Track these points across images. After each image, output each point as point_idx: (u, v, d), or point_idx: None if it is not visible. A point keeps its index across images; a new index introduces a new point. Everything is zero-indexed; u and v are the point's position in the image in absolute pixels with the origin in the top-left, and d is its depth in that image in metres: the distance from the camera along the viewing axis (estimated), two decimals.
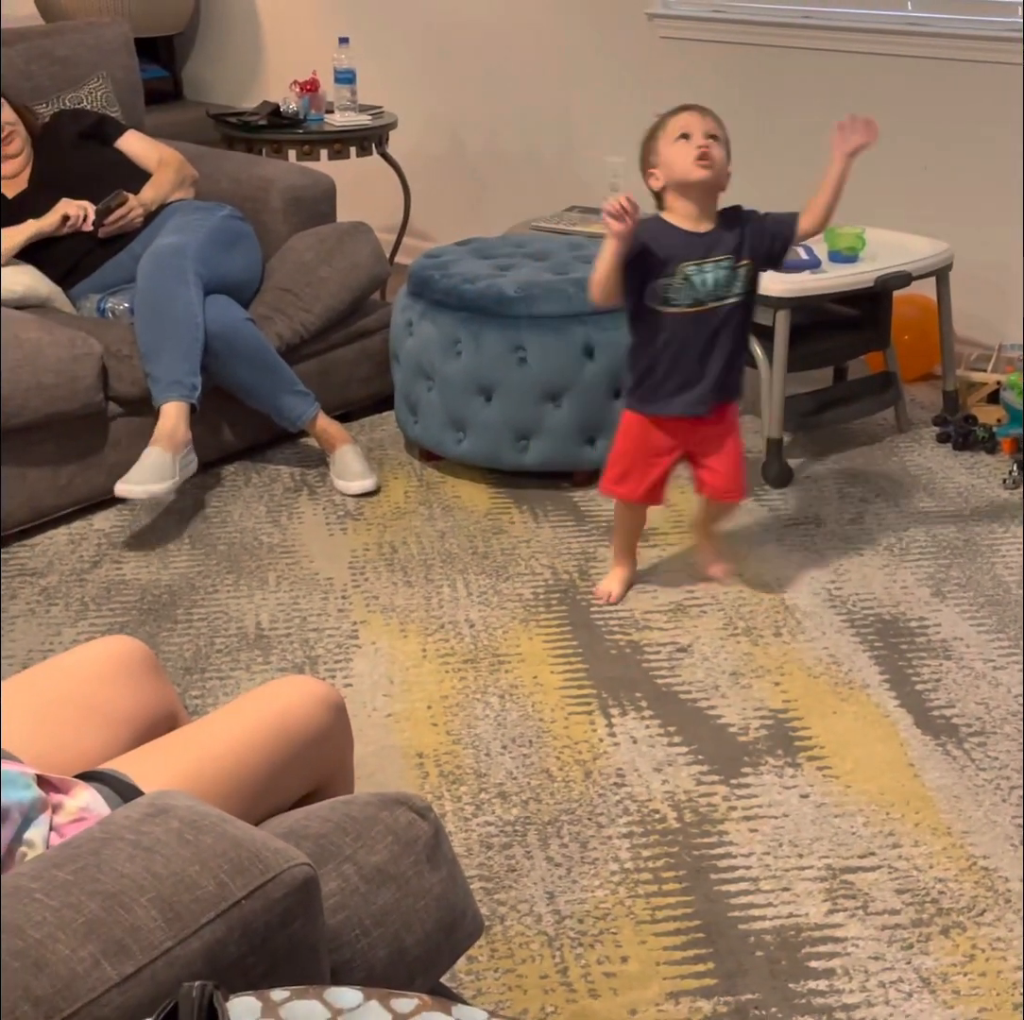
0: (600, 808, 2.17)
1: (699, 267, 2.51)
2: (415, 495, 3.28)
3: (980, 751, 2.31)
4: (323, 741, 1.59)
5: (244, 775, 1.49)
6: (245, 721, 1.55)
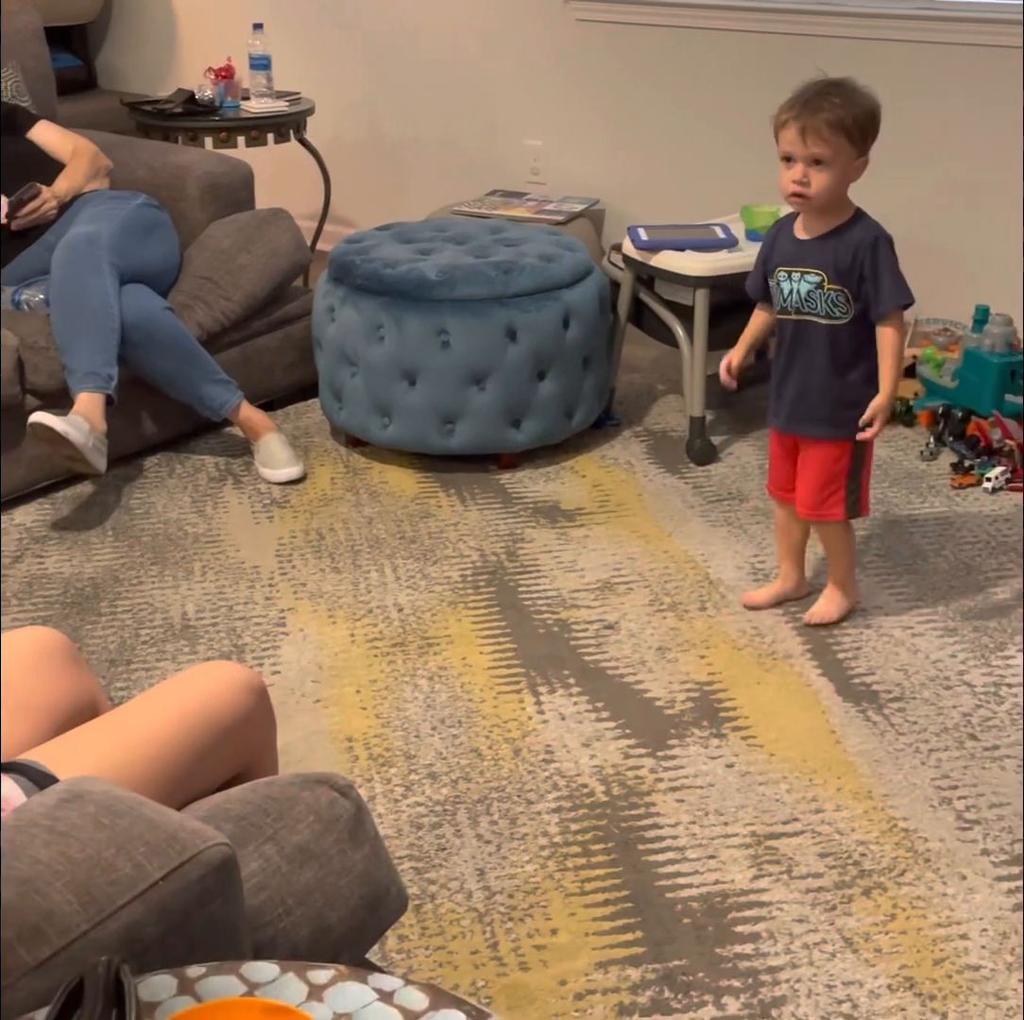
0: (529, 785, 2.19)
1: (788, 274, 2.43)
2: (342, 481, 3.27)
3: (900, 716, 2.36)
4: (245, 725, 1.59)
5: (165, 761, 1.48)
6: (166, 707, 1.55)
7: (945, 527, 3.02)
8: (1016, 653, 2.53)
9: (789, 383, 2.51)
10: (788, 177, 2.32)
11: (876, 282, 2.36)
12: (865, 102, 2.31)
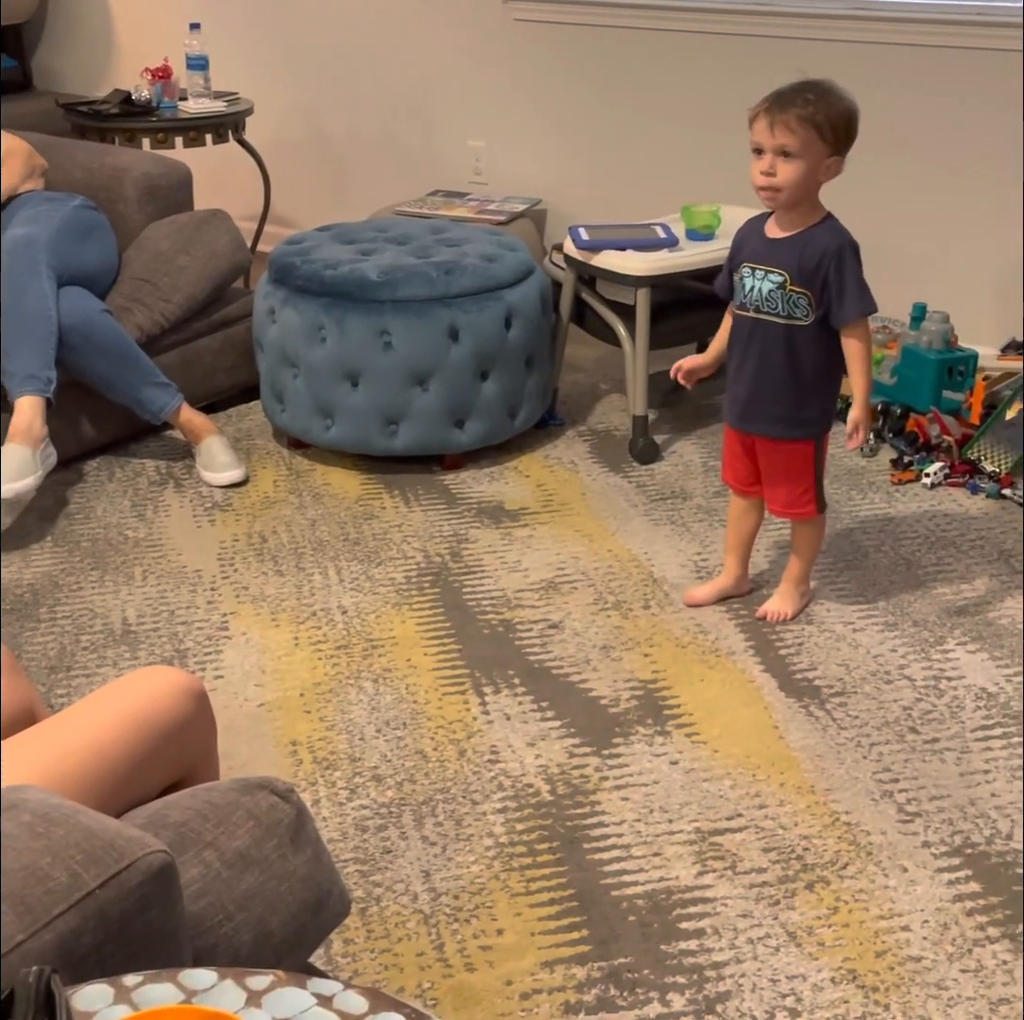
0: (475, 785, 2.19)
1: (752, 271, 2.44)
2: (284, 484, 3.25)
3: (841, 711, 2.38)
4: (185, 730, 1.57)
5: (104, 767, 1.47)
6: (104, 713, 1.53)
7: (885, 523, 3.05)
8: (955, 647, 2.57)
9: (743, 380, 2.52)
10: (756, 168, 2.35)
11: (841, 289, 2.38)
12: (840, 103, 2.34)
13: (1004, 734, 2.30)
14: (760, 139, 2.32)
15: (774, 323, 2.44)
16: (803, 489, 2.59)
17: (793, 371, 2.47)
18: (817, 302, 2.40)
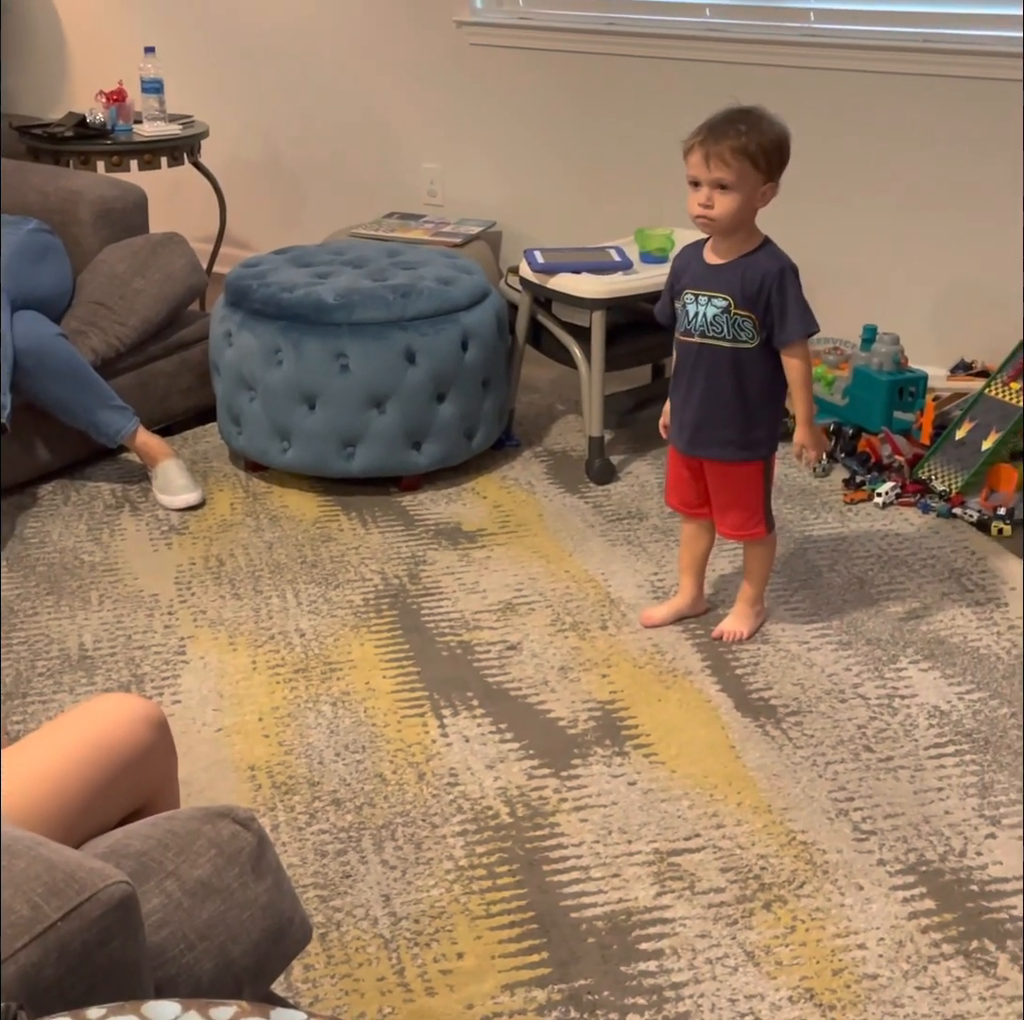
0: (434, 808, 2.20)
1: (695, 297, 2.47)
2: (241, 507, 3.25)
3: (797, 730, 2.40)
4: (145, 759, 1.57)
5: (64, 797, 1.46)
6: (63, 742, 1.53)
7: (838, 542, 3.09)
8: (908, 665, 2.60)
9: (691, 406, 2.54)
10: (694, 200, 2.38)
11: (783, 311, 2.42)
12: (772, 130, 2.37)
13: (957, 752, 2.34)
14: (696, 173, 2.36)
15: (720, 347, 2.47)
16: (752, 510, 2.63)
17: (741, 394, 2.50)
18: (761, 325, 2.44)
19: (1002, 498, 3.21)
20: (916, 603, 2.82)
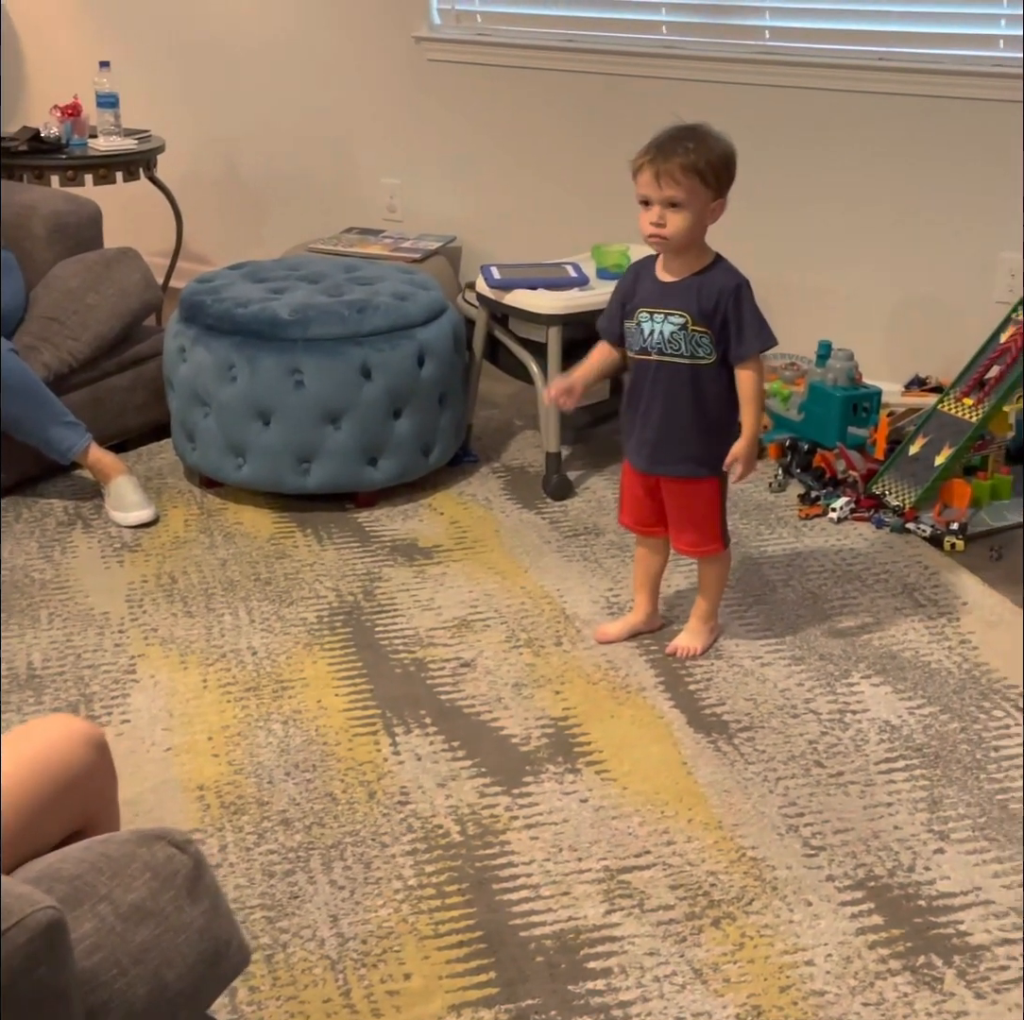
0: (384, 828, 2.18)
1: (650, 315, 2.46)
2: (195, 523, 3.23)
3: (749, 745, 2.40)
4: (84, 781, 1.55)
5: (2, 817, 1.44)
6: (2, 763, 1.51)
7: (793, 558, 3.10)
8: (859, 680, 2.61)
9: (651, 424, 2.54)
10: (646, 219, 2.39)
11: (739, 326, 2.43)
12: (719, 146, 2.38)
13: (907, 766, 2.34)
14: (647, 192, 2.37)
15: (679, 364, 2.48)
16: (710, 526, 2.63)
17: (700, 410, 2.51)
18: (717, 340, 2.45)
19: (955, 513, 3.23)
20: (869, 618, 2.83)
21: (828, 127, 3.84)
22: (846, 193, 3.87)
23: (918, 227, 3.79)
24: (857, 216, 3.87)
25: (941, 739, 2.42)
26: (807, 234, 3.95)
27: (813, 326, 3.84)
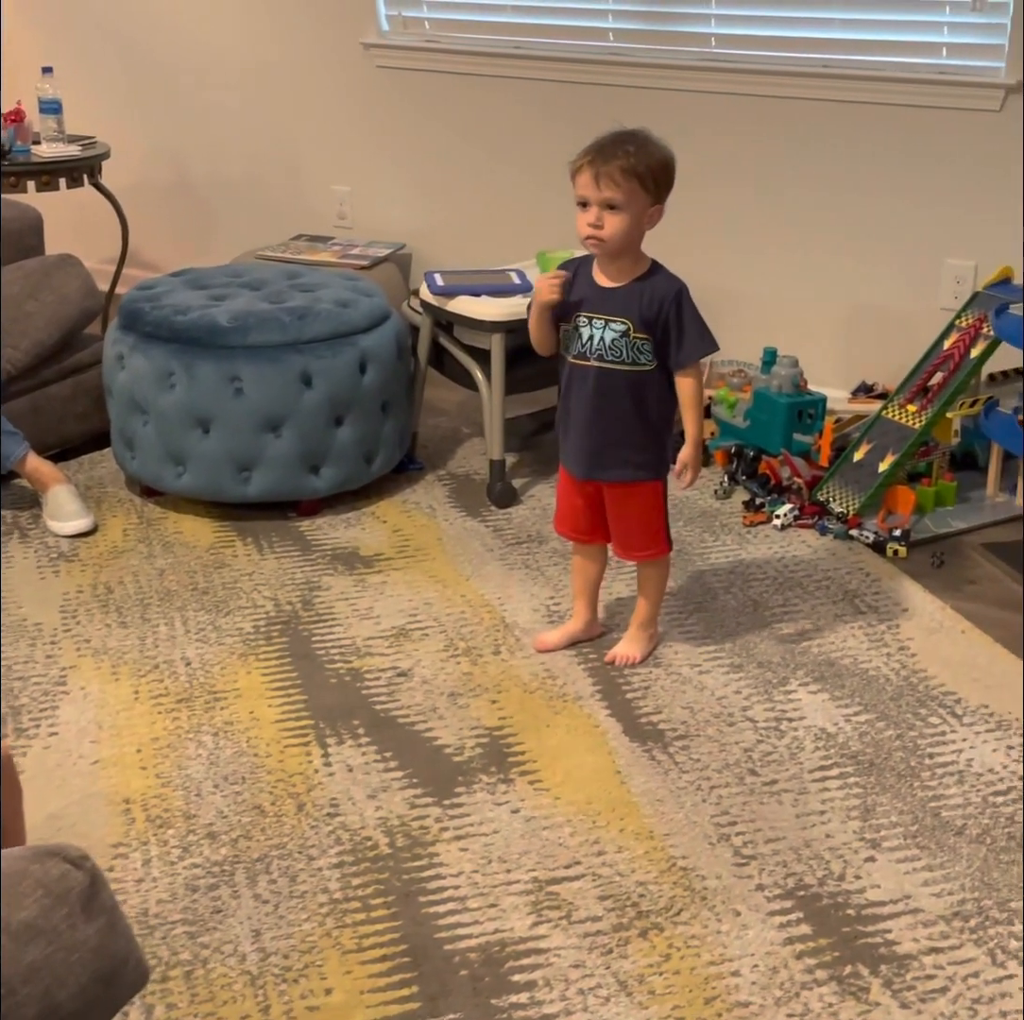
0: (312, 840, 2.15)
1: (589, 320, 2.44)
2: (134, 533, 3.19)
3: (684, 754, 2.39)
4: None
5: None
6: None
7: (736, 565, 3.09)
8: (797, 687, 2.60)
9: (591, 431, 2.52)
10: (583, 220, 2.37)
11: (681, 333, 2.42)
12: (659, 152, 2.38)
13: (841, 774, 2.33)
14: (585, 193, 2.36)
15: (619, 371, 2.46)
16: (656, 529, 2.62)
17: (641, 415, 2.50)
18: (658, 346, 2.43)
19: (899, 519, 3.23)
20: (809, 625, 2.82)
21: (774, 134, 3.84)
22: (791, 199, 3.87)
23: (864, 233, 3.80)
24: (803, 222, 3.87)
25: (876, 746, 2.41)
26: (753, 240, 3.95)
27: (761, 333, 3.83)
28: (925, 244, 3.72)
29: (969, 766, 2.36)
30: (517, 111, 4.18)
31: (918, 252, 3.74)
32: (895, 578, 3.03)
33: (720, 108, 3.88)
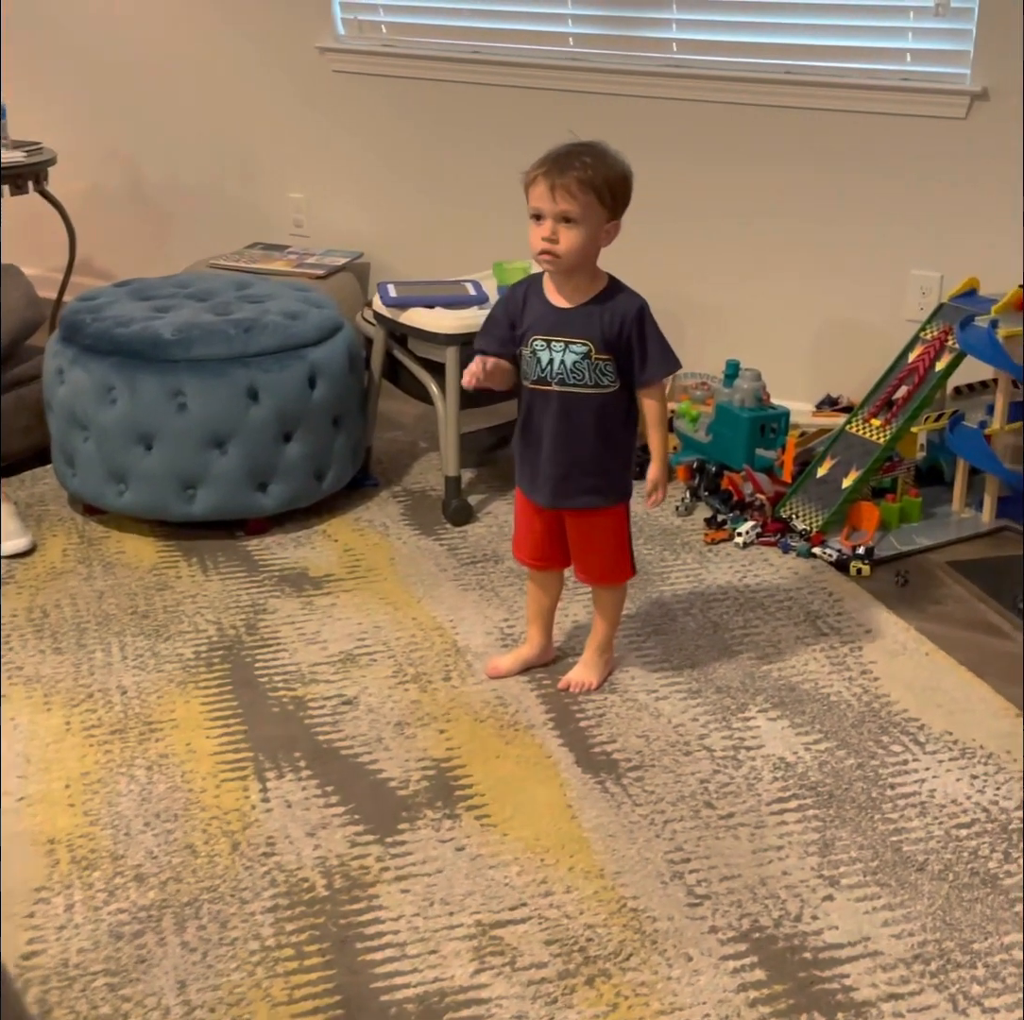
0: (245, 882, 2.05)
1: (547, 343, 2.33)
2: (74, 553, 3.09)
3: (637, 786, 2.30)
4: None
5: None
6: None
7: (696, 585, 3.00)
8: (756, 714, 2.51)
9: (554, 458, 2.41)
10: (537, 234, 2.27)
11: (643, 352, 2.32)
12: (617, 165, 2.28)
13: (800, 807, 2.25)
14: (540, 205, 2.26)
15: (582, 394, 2.36)
16: (620, 553, 2.53)
17: (605, 438, 2.40)
18: (621, 366, 2.34)
19: (862, 536, 3.15)
20: (770, 648, 2.74)
21: (737, 141, 3.76)
22: (755, 208, 3.79)
23: (827, 243, 3.73)
24: (767, 232, 3.80)
25: (836, 776, 2.33)
26: (716, 250, 3.87)
27: (724, 344, 3.76)
28: (890, 255, 3.65)
29: (932, 797, 2.27)
30: (475, 117, 4.10)
31: (883, 263, 3.67)
32: (858, 598, 2.95)
33: (681, 115, 3.80)
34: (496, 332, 2.43)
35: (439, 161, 4.20)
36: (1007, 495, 3.28)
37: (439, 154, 4.19)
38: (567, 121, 3.80)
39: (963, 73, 3.46)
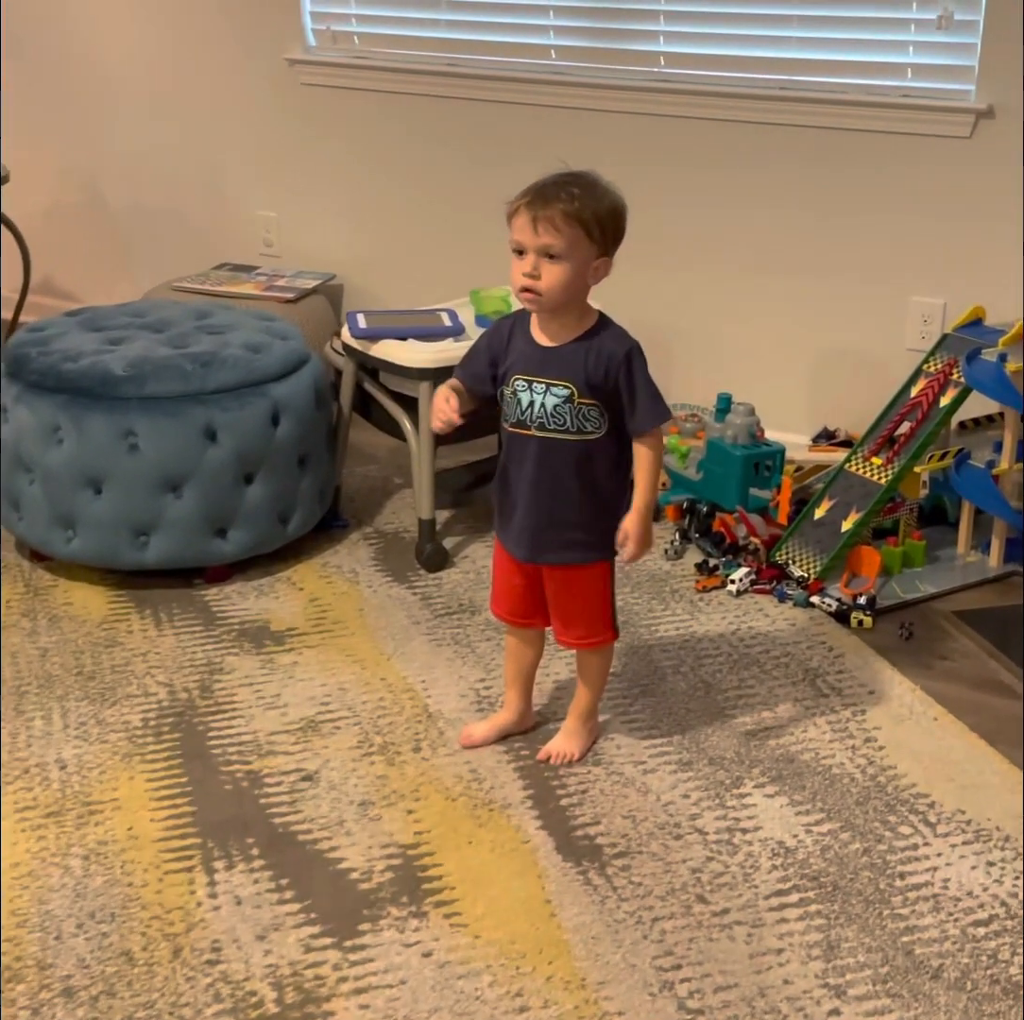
0: (186, 996, 1.84)
1: (528, 384, 2.14)
2: (18, 605, 2.87)
3: (623, 876, 2.09)
4: None
5: None
6: None
7: (686, 639, 2.80)
8: (752, 789, 2.31)
9: (533, 508, 2.21)
10: (518, 270, 2.07)
11: (632, 400, 2.13)
12: (608, 198, 2.08)
13: (801, 900, 2.04)
14: (521, 238, 2.05)
15: (564, 441, 2.15)
16: (601, 614, 2.33)
17: (588, 488, 2.19)
18: (606, 412, 2.14)
19: (863, 583, 2.95)
20: (766, 712, 2.54)
21: (728, 161, 3.57)
22: (748, 232, 3.60)
23: (825, 268, 3.53)
24: (760, 257, 3.60)
25: (841, 864, 2.12)
26: (707, 277, 3.67)
27: (716, 373, 3.57)
28: (890, 280, 3.46)
29: (945, 888, 2.07)
30: (453, 133, 3.89)
31: (883, 289, 3.47)
32: (860, 653, 2.75)
33: (669, 132, 3.60)
34: (472, 366, 2.25)
35: (414, 179, 3.99)
36: (1015, 537, 3.09)
37: (414, 171, 3.99)
38: (548, 137, 3.62)
39: (967, 89, 3.27)
